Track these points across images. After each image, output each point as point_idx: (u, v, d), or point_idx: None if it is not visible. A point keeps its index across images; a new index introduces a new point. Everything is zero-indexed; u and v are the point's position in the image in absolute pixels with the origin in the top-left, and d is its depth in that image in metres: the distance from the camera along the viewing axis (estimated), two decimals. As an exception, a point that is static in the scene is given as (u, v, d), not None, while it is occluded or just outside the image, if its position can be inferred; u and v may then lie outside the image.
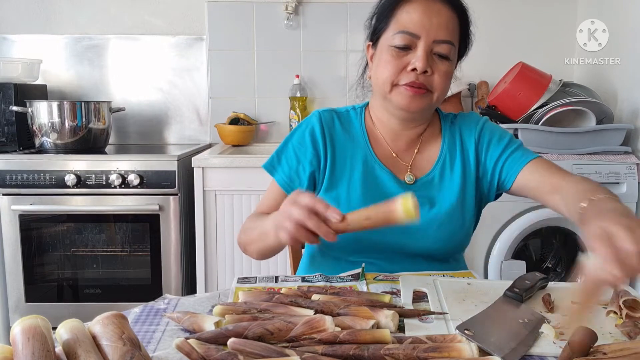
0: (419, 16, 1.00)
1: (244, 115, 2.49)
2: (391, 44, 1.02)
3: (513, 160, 1.06)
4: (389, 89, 1.03)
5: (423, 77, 1.00)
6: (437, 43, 1.00)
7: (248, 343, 0.64)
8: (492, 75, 2.41)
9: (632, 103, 2.09)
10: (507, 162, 1.07)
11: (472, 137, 1.11)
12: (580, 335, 0.63)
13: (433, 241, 1.05)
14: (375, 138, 1.12)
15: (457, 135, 1.12)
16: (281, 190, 1.11)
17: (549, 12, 2.52)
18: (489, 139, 1.10)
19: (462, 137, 1.12)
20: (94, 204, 2.05)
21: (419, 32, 1.00)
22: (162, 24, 2.55)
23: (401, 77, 1.02)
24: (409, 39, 1.00)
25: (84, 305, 2.09)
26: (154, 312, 0.81)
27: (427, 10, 1.00)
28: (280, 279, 0.96)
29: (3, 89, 2.19)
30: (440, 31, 1.00)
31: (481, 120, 1.13)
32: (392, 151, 1.11)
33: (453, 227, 1.06)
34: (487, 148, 1.10)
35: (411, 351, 0.63)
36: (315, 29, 2.52)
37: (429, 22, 1.00)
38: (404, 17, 1.01)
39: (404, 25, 1.01)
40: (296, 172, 1.10)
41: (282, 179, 1.11)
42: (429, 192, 1.07)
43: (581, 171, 1.96)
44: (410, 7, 1.01)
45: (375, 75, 1.07)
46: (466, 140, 1.11)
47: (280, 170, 1.12)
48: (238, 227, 2.04)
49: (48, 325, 0.58)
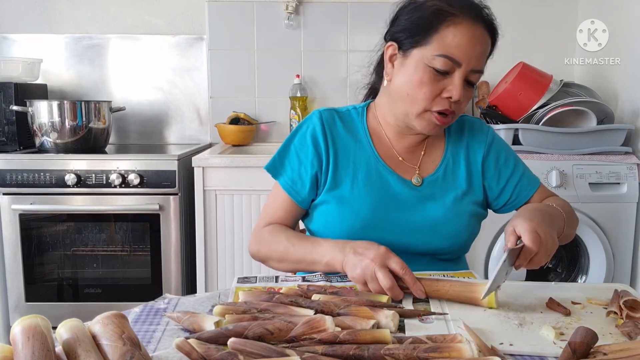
0: (465, 42, 0.95)
1: (244, 115, 2.49)
2: (430, 64, 0.97)
3: (522, 187, 1.12)
4: (419, 112, 1.01)
5: (455, 104, 0.99)
6: (473, 72, 0.98)
7: (248, 343, 0.64)
8: (492, 75, 2.41)
9: (632, 103, 2.09)
10: (517, 187, 1.12)
11: (481, 147, 1.12)
12: (580, 335, 0.63)
13: (439, 240, 1.06)
14: (378, 138, 1.12)
15: (463, 139, 1.13)
16: (286, 195, 1.11)
17: (549, 12, 2.51)
18: (497, 156, 1.12)
19: (467, 141, 1.13)
20: (94, 203, 2.05)
21: (462, 59, 0.96)
22: (162, 23, 2.55)
23: (434, 103, 0.99)
24: (450, 65, 0.96)
25: (84, 305, 2.09)
26: (154, 311, 0.81)
27: (473, 37, 0.96)
28: (280, 278, 0.96)
29: (3, 89, 2.18)
30: (478, 61, 0.98)
31: (490, 132, 1.15)
32: (397, 152, 1.11)
33: (459, 225, 1.07)
34: (495, 165, 1.12)
35: (411, 351, 0.63)
36: (315, 28, 2.52)
37: (473, 50, 0.96)
38: (449, 39, 0.96)
39: (449, 50, 0.96)
40: (298, 174, 1.10)
41: (286, 183, 1.11)
42: (435, 190, 1.08)
43: (582, 171, 1.96)
44: (457, 29, 0.96)
45: (404, 89, 1.01)
46: (473, 145, 1.12)
47: (283, 173, 1.12)
48: (238, 227, 2.06)
49: (48, 324, 0.58)
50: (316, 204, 1.10)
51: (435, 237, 1.05)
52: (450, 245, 1.08)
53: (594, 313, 0.81)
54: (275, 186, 1.13)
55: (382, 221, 1.05)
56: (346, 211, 1.06)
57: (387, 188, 1.07)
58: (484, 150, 1.12)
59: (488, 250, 1.99)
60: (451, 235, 1.07)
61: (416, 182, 1.08)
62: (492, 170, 1.11)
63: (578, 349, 0.62)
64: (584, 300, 0.86)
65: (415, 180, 1.08)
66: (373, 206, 1.05)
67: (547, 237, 0.86)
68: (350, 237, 1.02)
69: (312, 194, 1.10)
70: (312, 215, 1.12)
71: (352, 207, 1.06)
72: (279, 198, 1.12)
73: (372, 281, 0.87)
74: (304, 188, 1.09)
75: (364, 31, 2.50)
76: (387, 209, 1.06)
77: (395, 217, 1.05)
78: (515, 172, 1.12)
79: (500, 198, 1.13)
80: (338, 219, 1.06)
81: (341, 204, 1.06)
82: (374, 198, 1.06)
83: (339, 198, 1.06)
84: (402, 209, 1.06)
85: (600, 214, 1.97)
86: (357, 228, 1.04)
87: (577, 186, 1.95)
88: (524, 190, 1.12)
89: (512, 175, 1.11)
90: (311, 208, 1.12)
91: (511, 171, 1.12)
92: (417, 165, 1.10)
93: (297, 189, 1.10)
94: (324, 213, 1.09)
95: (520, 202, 1.12)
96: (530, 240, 0.84)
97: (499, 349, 0.67)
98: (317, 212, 1.11)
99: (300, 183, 1.10)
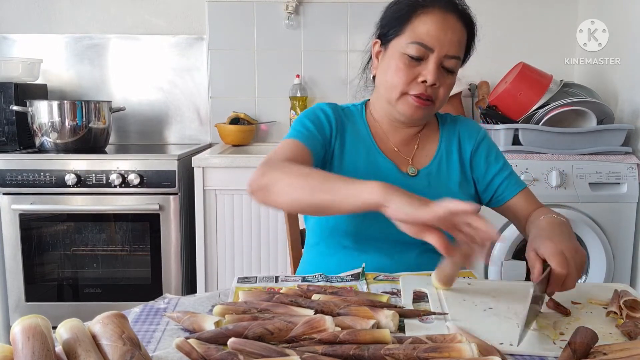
0: (435, 29, 1.02)
1: (244, 115, 2.49)
2: (404, 52, 1.03)
3: (509, 184, 1.13)
4: (397, 97, 1.06)
5: (431, 89, 1.04)
6: (447, 58, 1.03)
7: (248, 343, 0.64)
8: (492, 75, 2.41)
9: (632, 103, 2.09)
10: (504, 183, 1.14)
11: (472, 141, 1.16)
12: (580, 335, 0.63)
13: None
14: (376, 132, 1.15)
15: (456, 135, 1.17)
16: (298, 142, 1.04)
17: (549, 12, 2.51)
18: (488, 152, 1.16)
19: (460, 138, 1.17)
20: (94, 203, 2.05)
21: (434, 45, 1.02)
22: (162, 23, 2.55)
23: (411, 87, 1.04)
24: (423, 51, 1.02)
25: (84, 305, 2.09)
26: (154, 311, 0.81)
27: (444, 24, 1.02)
28: (280, 278, 0.96)
29: (3, 89, 2.18)
30: (452, 47, 1.03)
31: (482, 131, 1.19)
32: (394, 145, 1.14)
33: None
34: (486, 160, 1.15)
35: (411, 351, 0.63)
36: (315, 28, 2.52)
37: (444, 37, 1.02)
38: (420, 27, 1.02)
39: (420, 37, 1.02)
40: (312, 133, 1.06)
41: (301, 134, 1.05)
42: (430, 181, 1.11)
43: (582, 171, 1.96)
44: (427, 17, 1.02)
45: (384, 78, 1.08)
46: (464, 141, 1.16)
47: (294, 132, 1.07)
48: (238, 227, 2.06)
49: (48, 324, 0.58)
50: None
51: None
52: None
53: (594, 313, 0.81)
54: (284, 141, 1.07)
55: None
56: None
57: (386, 178, 1.07)
58: (474, 143, 1.15)
59: (488, 251, 1.99)
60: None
61: (412, 172, 1.12)
62: (481, 164, 1.15)
63: (578, 349, 0.62)
64: (584, 300, 0.85)
65: (411, 171, 1.12)
66: None
67: (573, 253, 0.81)
68: (347, 225, 1.06)
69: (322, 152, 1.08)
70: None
71: None
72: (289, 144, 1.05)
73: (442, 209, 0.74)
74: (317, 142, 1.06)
75: (364, 31, 2.47)
76: None
77: None
78: (503, 170, 1.15)
79: (486, 192, 1.15)
80: None
81: None
82: None
83: None
84: None
85: (600, 214, 1.97)
86: (354, 215, 1.05)
87: (577, 186, 1.95)
88: (510, 187, 1.13)
89: (499, 172, 1.14)
90: None
91: (499, 168, 1.15)
92: (410, 157, 1.14)
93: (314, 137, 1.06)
94: None
95: (506, 199, 1.13)
96: (558, 264, 0.78)
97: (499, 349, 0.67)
98: None
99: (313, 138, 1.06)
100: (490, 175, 1.14)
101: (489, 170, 1.14)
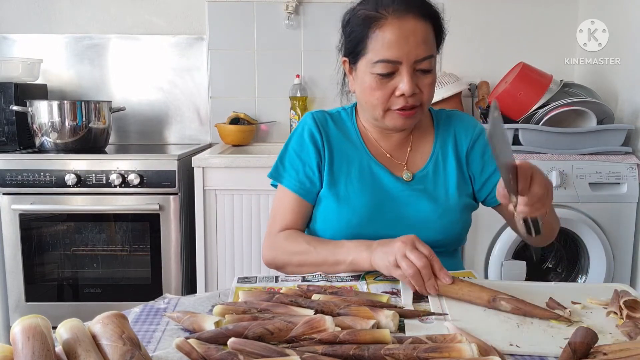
0: (395, 41, 0.97)
1: (244, 115, 2.49)
2: (373, 72, 1.00)
3: None
4: (382, 114, 1.04)
5: (412, 98, 1.01)
6: (418, 62, 0.99)
7: (248, 343, 0.64)
8: (492, 75, 2.41)
9: (632, 103, 2.09)
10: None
11: (468, 138, 1.14)
12: (580, 335, 0.63)
13: (435, 233, 1.07)
14: (367, 138, 1.14)
15: (451, 133, 1.14)
16: (295, 195, 1.11)
17: (549, 12, 2.51)
18: (483, 151, 1.13)
19: (455, 135, 1.14)
20: (94, 203, 2.05)
21: (400, 57, 0.97)
22: (162, 23, 2.55)
23: (391, 102, 1.02)
24: (391, 66, 0.98)
25: (84, 305, 2.09)
26: (154, 311, 0.81)
27: (402, 32, 0.97)
28: (280, 278, 0.97)
29: (3, 89, 2.18)
30: (419, 50, 0.98)
31: (478, 127, 1.16)
32: (385, 150, 1.13)
33: (453, 217, 1.09)
34: (481, 158, 1.13)
35: (411, 351, 0.63)
36: (315, 28, 2.52)
37: (407, 44, 0.97)
38: (379, 44, 0.98)
39: (382, 54, 0.98)
40: (304, 174, 1.11)
41: (292, 184, 1.11)
42: (426, 185, 1.10)
43: (582, 171, 1.96)
44: (382, 32, 0.98)
45: (362, 97, 1.06)
46: (460, 135, 1.14)
47: (287, 176, 1.12)
48: (238, 227, 2.06)
49: (48, 324, 0.58)
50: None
51: (428, 231, 1.06)
52: (444, 238, 1.09)
53: (594, 313, 0.81)
54: (280, 190, 1.14)
55: (377, 216, 1.07)
56: (343, 208, 1.08)
57: (380, 184, 1.09)
58: (470, 141, 1.13)
59: (488, 250, 1.99)
60: (444, 229, 1.08)
61: (407, 177, 1.10)
62: (477, 162, 1.13)
63: (578, 349, 0.62)
64: (584, 300, 0.85)
65: (406, 176, 1.11)
66: (367, 202, 1.07)
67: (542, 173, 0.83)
68: (347, 232, 1.06)
69: (318, 184, 1.11)
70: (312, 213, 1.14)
71: (349, 203, 1.08)
72: (285, 200, 1.12)
73: (403, 260, 0.85)
74: (314, 186, 1.10)
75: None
76: (381, 204, 1.08)
77: (389, 212, 1.07)
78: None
79: (481, 191, 1.14)
80: (336, 216, 1.08)
81: (338, 201, 1.08)
82: (368, 194, 1.08)
83: (336, 195, 1.08)
84: (396, 204, 1.08)
85: (600, 214, 1.97)
86: (354, 224, 1.07)
87: (577, 186, 1.95)
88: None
89: (495, 172, 1.12)
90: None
91: (495, 168, 1.12)
92: (404, 162, 1.12)
93: (307, 188, 1.10)
94: (322, 210, 1.11)
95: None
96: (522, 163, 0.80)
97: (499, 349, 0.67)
98: (315, 210, 1.12)
99: (308, 182, 1.11)
100: (486, 175, 1.13)
101: (484, 170, 1.13)
